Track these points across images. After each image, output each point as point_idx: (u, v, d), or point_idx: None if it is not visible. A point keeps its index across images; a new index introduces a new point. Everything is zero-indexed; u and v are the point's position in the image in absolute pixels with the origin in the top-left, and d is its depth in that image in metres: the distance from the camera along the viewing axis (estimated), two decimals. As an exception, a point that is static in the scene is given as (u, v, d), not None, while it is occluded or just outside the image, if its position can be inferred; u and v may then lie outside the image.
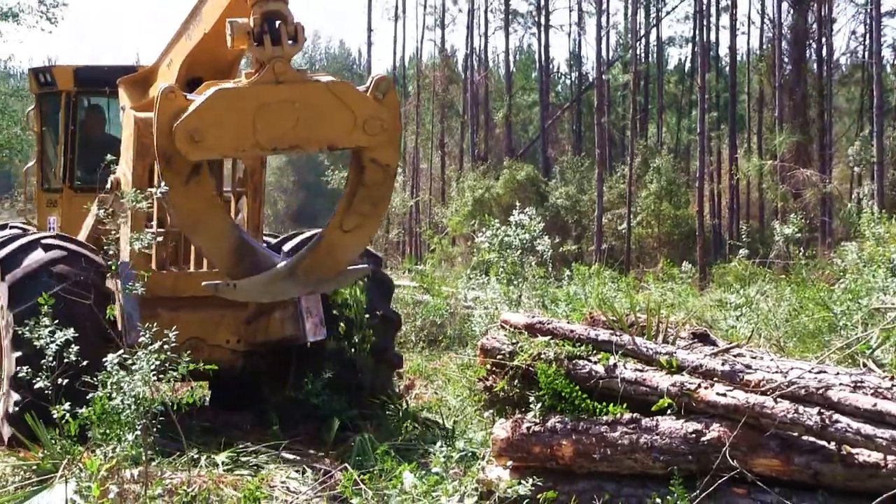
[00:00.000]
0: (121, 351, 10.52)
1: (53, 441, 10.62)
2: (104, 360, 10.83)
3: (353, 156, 10.14)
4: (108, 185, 12.39)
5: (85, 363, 9.93)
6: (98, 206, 12.87)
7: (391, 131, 10.03)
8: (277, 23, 9.63)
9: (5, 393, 11.87)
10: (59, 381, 10.04)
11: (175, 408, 9.38)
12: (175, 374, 9.79)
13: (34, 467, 10.97)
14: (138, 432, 9.75)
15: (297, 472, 11.07)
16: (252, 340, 12.82)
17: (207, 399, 14.53)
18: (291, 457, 11.67)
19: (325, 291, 11.62)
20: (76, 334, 10.30)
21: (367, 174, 10.05)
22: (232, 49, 9.87)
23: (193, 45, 11.37)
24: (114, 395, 9.75)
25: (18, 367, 10.93)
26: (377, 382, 12.60)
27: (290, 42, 9.65)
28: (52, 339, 10.06)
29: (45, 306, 11.40)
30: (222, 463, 10.80)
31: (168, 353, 10.16)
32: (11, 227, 15.17)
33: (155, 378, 9.76)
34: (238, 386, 13.83)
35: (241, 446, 11.42)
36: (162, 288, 12.31)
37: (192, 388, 11.63)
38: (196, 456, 10.32)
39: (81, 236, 13.40)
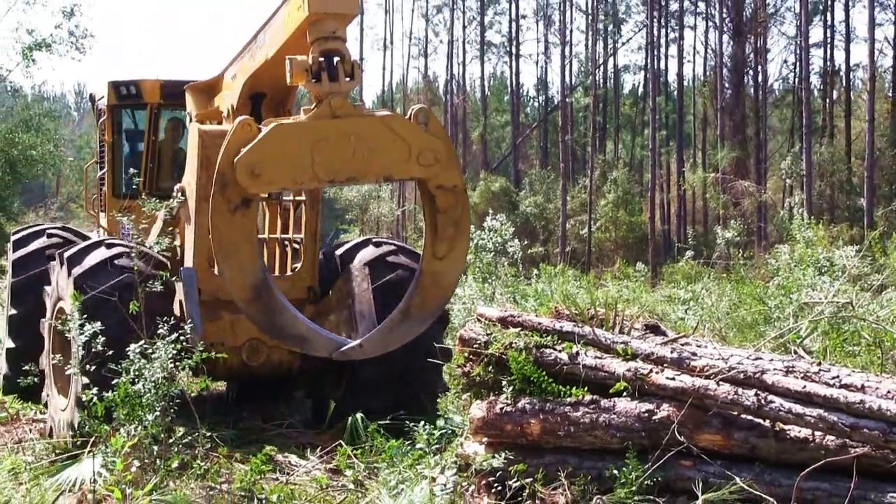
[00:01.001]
0: (142, 341, 10.48)
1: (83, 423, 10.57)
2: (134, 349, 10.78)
3: (421, 186, 9.58)
4: (175, 192, 11.84)
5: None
6: (166, 212, 12.27)
7: (444, 160, 9.42)
8: (335, 59, 9.11)
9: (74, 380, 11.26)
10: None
11: (192, 393, 9.36)
12: (189, 362, 9.78)
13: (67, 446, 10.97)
14: (157, 413, 9.74)
15: (297, 448, 11.07)
16: None
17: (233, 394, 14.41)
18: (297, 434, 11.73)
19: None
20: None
21: (438, 201, 9.46)
22: (291, 83, 9.31)
23: (256, 67, 10.85)
24: (136, 381, 9.75)
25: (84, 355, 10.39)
26: (427, 378, 11.80)
27: (346, 79, 9.11)
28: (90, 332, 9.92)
29: (77, 303, 11.36)
30: (230, 440, 10.78)
31: (184, 344, 10.12)
32: (50, 234, 14.58)
33: (172, 366, 9.75)
34: (262, 382, 13.32)
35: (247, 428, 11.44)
36: (224, 291, 11.02)
37: (205, 377, 11.23)
38: (209, 434, 10.27)
39: (150, 240, 12.59)
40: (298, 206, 12.24)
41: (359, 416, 11.16)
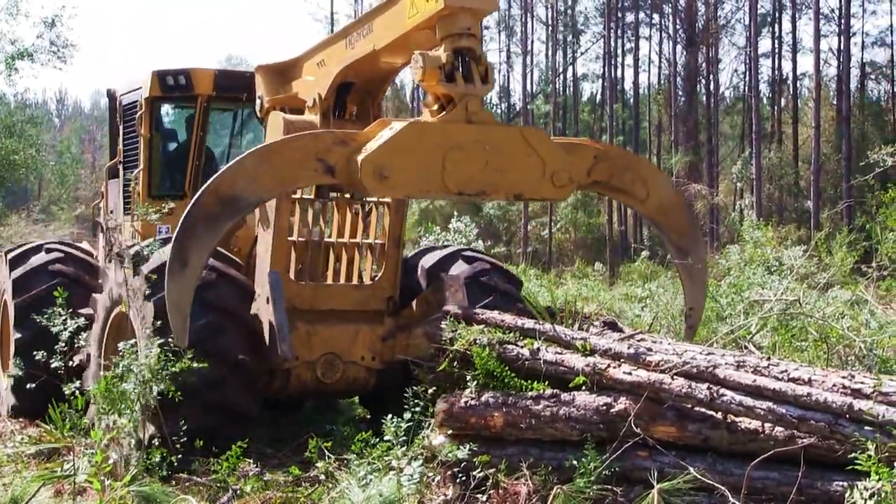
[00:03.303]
0: (133, 340, 10.33)
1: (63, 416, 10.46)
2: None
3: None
4: None
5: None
6: None
7: (582, 185, 8.80)
8: (468, 60, 8.22)
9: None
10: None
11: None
12: (174, 368, 9.65)
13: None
14: (137, 411, 9.65)
15: (272, 440, 11.00)
16: (387, 358, 10.65)
17: None
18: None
19: None
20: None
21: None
22: (421, 83, 8.31)
23: (357, 56, 9.54)
24: (125, 376, 9.64)
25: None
26: None
27: (482, 82, 8.23)
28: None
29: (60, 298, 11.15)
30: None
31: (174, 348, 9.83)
32: (49, 249, 13.42)
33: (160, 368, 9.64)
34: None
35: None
36: (301, 300, 10.44)
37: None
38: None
39: None
40: (373, 207, 11.00)
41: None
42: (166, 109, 13.30)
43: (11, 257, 13.48)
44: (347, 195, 10.57)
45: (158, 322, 9.39)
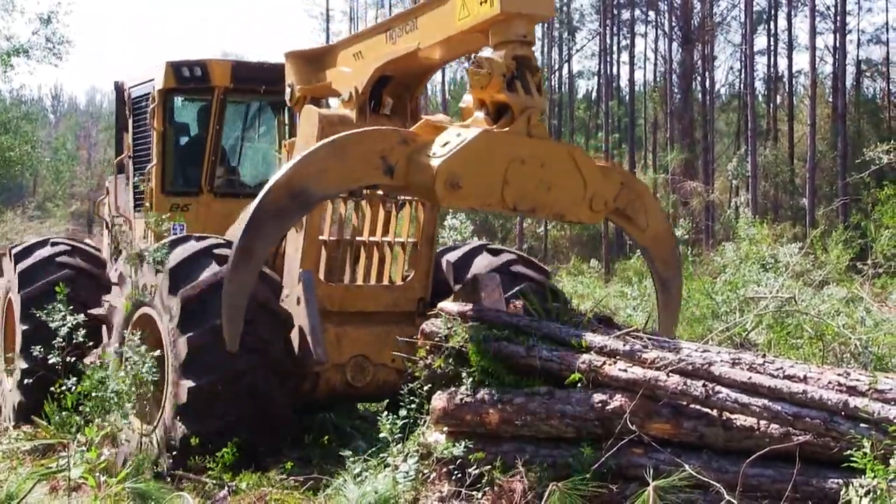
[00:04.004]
0: (124, 339, 10.31)
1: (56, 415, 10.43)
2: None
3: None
4: None
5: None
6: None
7: (609, 211, 8.51)
8: (524, 69, 7.88)
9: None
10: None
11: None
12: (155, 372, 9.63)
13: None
14: (128, 406, 9.64)
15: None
16: None
17: None
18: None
19: None
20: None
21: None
22: (480, 89, 7.90)
23: (398, 53, 9.24)
24: (118, 373, 9.63)
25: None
26: None
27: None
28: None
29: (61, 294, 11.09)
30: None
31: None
32: (54, 243, 13.18)
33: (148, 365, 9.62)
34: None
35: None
36: (330, 301, 10.24)
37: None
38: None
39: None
40: (403, 205, 10.71)
41: (328, 415, 11.06)
42: (181, 102, 12.91)
43: (17, 252, 13.29)
44: (379, 192, 10.28)
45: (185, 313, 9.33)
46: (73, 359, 10.74)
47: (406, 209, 10.72)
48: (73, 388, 9.93)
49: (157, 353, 9.68)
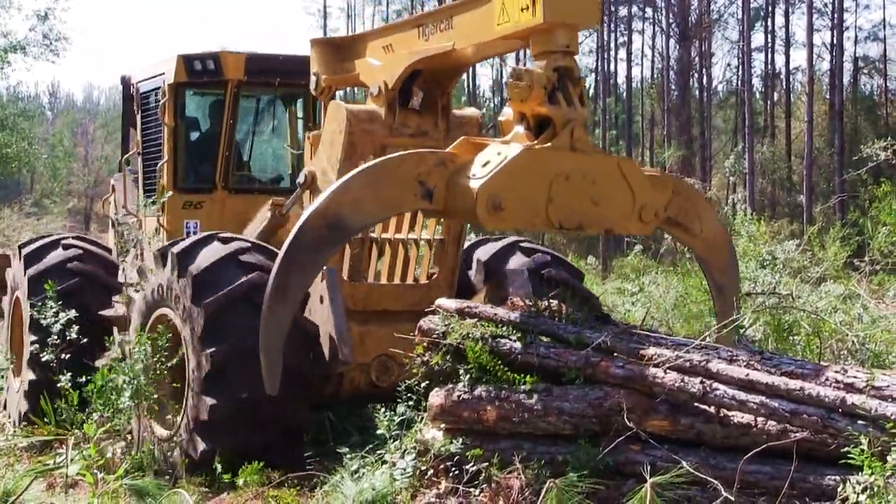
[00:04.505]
0: (125, 333, 10.27)
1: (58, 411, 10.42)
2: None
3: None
4: (302, 180, 9.88)
5: None
6: (272, 207, 10.54)
7: (660, 221, 8.21)
8: (565, 80, 7.57)
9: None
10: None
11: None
12: (167, 365, 9.62)
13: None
14: (130, 402, 9.64)
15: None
16: None
17: None
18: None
19: None
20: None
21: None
22: (524, 104, 7.57)
23: (431, 51, 8.90)
24: (119, 372, 9.62)
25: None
26: None
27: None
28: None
29: (52, 290, 11.03)
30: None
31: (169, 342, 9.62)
32: (64, 240, 12.84)
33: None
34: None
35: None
36: (353, 300, 9.94)
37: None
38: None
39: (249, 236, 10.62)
40: None
41: (328, 413, 11.01)
42: (193, 96, 12.55)
43: (27, 253, 12.87)
44: None
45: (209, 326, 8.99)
46: (68, 356, 10.66)
47: None
48: (77, 385, 9.90)
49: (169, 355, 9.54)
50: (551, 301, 8.31)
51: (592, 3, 7.68)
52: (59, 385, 10.36)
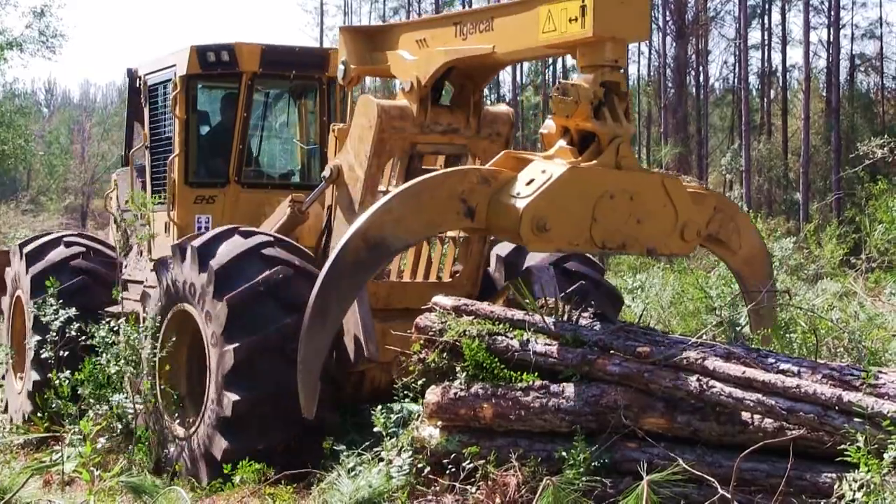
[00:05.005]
0: (117, 320, 10.20)
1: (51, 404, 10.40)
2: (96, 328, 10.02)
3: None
4: (328, 174, 9.60)
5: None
6: (291, 203, 10.23)
7: (702, 238, 7.95)
8: (612, 94, 7.39)
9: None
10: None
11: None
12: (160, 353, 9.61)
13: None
14: (125, 394, 9.63)
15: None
16: None
17: None
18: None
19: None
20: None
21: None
22: (563, 117, 7.41)
23: (468, 52, 8.63)
24: (109, 360, 9.60)
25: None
26: None
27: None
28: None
29: (52, 288, 10.97)
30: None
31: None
32: (69, 238, 12.79)
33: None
34: None
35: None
36: (375, 298, 9.74)
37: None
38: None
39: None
40: None
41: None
42: (206, 88, 12.32)
43: (28, 251, 12.75)
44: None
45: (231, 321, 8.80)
46: (70, 354, 10.61)
47: None
48: (69, 378, 9.88)
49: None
50: (583, 307, 8.13)
51: (642, 17, 7.54)
52: (56, 382, 10.33)
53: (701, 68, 57.92)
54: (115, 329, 9.98)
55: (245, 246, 9.42)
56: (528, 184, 7.24)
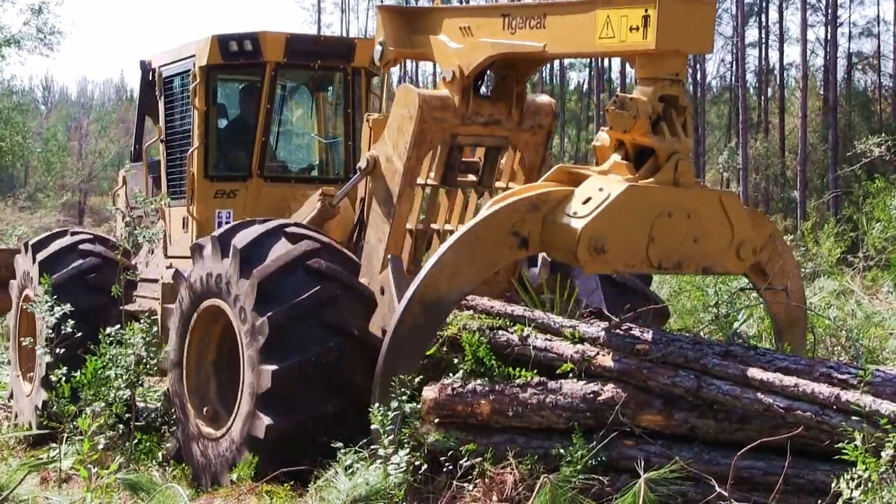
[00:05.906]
0: (118, 325, 10.17)
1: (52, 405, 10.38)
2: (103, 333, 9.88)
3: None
4: (364, 165, 9.24)
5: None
6: (322, 197, 9.89)
7: (756, 259, 7.75)
8: (670, 108, 7.15)
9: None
10: None
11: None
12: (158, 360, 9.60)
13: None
14: (123, 394, 9.63)
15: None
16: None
17: None
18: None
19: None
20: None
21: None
22: (628, 132, 7.17)
23: (516, 48, 8.27)
24: (107, 365, 9.58)
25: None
26: None
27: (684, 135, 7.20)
28: None
29: (49, 286, 10.88)
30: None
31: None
32: (74, 234, 12.43)
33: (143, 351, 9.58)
34: None
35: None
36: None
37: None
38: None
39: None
40: (483, 194, 9.58)
41: None
42: (227, 79, 11.96)
43: (34, 243, 12.54)
44: (472, 177, 9.50)
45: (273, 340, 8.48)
46: (63, 350, 10.51)
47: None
48: (70, 377, 9.85)
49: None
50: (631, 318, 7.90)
51: (708, 28, 7.35)
52: (54, 374, 10.25)
53: (698, 66, 57.92)
54: (122, 332, 9.90)
55: (262, 229, 9.11)
56: (586, 202, 7.06)
